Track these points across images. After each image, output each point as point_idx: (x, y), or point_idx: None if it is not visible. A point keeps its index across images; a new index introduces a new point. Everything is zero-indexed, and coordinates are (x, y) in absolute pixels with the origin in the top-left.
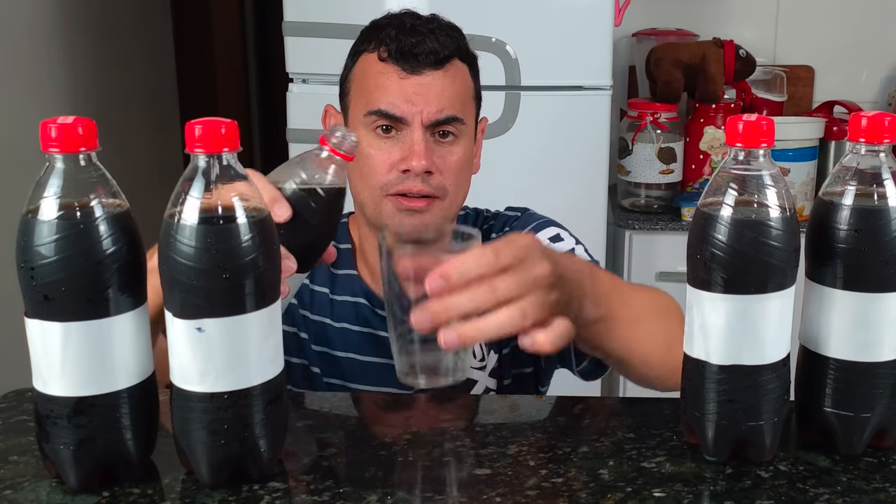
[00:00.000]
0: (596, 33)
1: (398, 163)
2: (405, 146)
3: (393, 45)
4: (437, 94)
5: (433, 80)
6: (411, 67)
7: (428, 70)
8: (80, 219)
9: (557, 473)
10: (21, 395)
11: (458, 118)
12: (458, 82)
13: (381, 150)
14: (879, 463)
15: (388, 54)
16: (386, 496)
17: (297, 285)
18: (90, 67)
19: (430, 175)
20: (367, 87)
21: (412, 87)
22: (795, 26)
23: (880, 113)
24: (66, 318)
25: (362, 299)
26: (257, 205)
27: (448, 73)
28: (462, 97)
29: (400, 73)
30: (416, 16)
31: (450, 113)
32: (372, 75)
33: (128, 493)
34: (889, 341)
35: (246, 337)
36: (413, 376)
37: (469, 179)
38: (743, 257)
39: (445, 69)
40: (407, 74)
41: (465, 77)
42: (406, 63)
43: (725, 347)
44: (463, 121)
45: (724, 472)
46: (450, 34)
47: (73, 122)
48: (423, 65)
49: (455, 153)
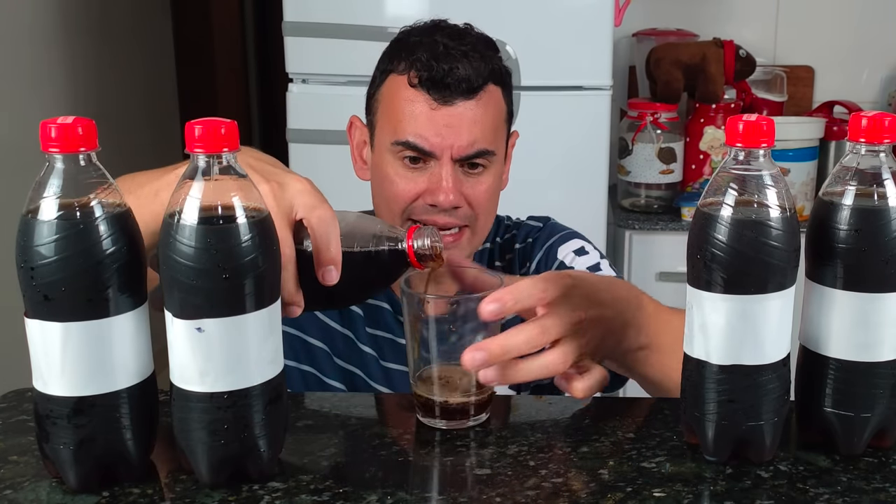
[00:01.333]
0: (596, 33)
1: (424, 194)
2: (433, 179)
3: (424, 73)
4: (469, 128)
5: (465, 110)
6: (443, 98)
7: (460, 100)
8: (79, 219)
9: (557, 473)
10: (21, 395)
11: (490, 151)
12: (491, 109)
13: (408, 180)
14: (879, 463)
15: (419, 81)
16: (386, 496)
17: None
18: (90, 67)
19: (458, 209)
20: (395, 113)
21: (443, 118)
22: (795, 26)
23: (880, 113)
24: (66, 318)
25: (386, 304)
26: (257, 205)
27: (481, 102)
28: (495, 125)
29: (431, 102)
30: (450, 32)
31: (481, 147)
32: (401, 101)
33: (128, 493)
34: (889, 341)
35: (246, 337)
36: (433, 417)
37: (497, 200)
38: (743, 257)
39: (478, 98)
40: (438, 105)
41: (499, 101)
42: (437, 93)
43: (725, 347)
44: (494, 152)
45: (724, 472)
46: (484, 55)
47: (73, 122)
48: (455, 94)
49: (484, 183)
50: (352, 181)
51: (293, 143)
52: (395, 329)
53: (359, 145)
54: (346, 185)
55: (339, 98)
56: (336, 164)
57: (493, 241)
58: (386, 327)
